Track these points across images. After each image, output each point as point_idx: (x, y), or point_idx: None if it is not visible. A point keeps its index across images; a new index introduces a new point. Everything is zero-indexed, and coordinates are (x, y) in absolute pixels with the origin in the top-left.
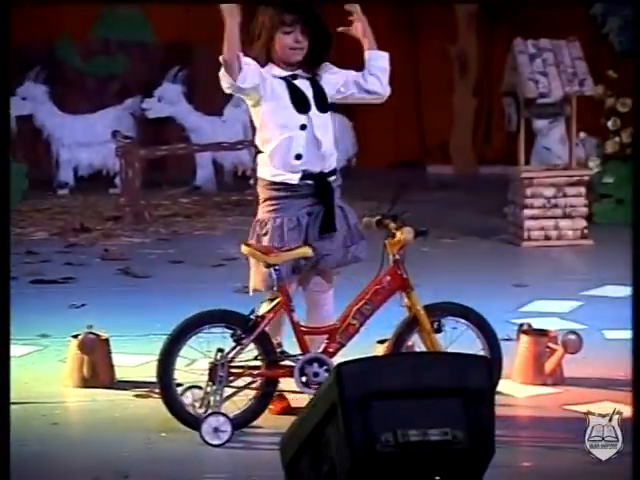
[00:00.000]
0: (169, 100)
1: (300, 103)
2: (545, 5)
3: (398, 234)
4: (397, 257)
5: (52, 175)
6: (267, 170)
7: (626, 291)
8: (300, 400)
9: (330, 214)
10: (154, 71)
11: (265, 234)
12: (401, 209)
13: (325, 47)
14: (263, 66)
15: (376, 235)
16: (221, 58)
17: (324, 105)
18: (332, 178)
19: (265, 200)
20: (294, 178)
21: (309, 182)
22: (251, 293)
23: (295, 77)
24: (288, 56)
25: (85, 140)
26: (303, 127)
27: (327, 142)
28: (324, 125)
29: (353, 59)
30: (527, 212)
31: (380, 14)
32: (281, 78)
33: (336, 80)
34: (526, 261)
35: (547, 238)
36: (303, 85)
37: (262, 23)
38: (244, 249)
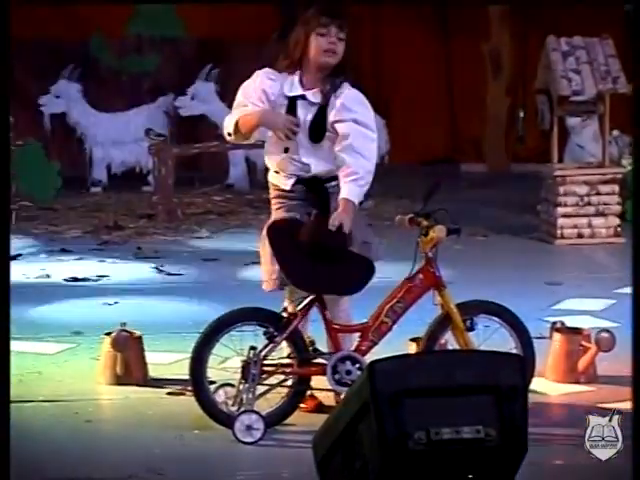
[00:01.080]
0: (202, 98)
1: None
2: (578, 2)
3: (431, 232)
4: (430, 255)
5: (86, 173)
6: (270, 172)
7: None
8: (332, 398)
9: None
10: (187, 69)
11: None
12: (434, 207)
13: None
14: (292, 72)
15: (409, 233)
16: (229, 132)
17: (318, 135)
18: (333, 183)
19: (271, 199)
20: (287, 184)
21: (301, 186)
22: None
23: (304, 97)
24: (322, 59)
25: (118, 138)
26: (286, 150)
27: (314, 166)
28: (313, 151)
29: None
30: (560, 210)
31: (414, 14)
32: (288, 98)
33: (348, 116)
34: (559, 259)
35: (580, 236)
36: (305, 110)
37: (300, 28)
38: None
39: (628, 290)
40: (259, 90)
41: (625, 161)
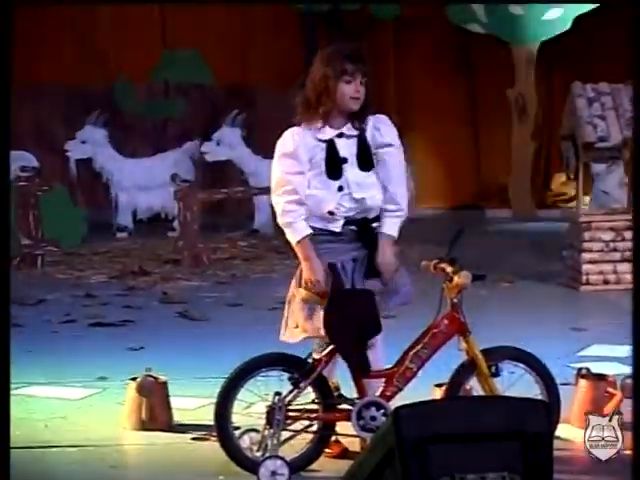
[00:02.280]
0: (228, 143)
1: (334, 169)
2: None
3: (456, 278)
4: (455, 300)
5: (111, 218)
6: (311, 218)
7: None
8: (357, 444)
9: (373, 261)
10: (213, 114)
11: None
12: (459, 253)
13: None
14: (320, 121)
15: (434, 278)
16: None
17: (367, 164)
18: (376, 224)
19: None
20: (337, 226)
21: (352, 228)
22: (299, 339)
23: (341, 136)
24: (347, 105)
25: (144, 184)
26: (340, 189)
27: (369, 199)
28: (365, 183)
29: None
30: (585, 256)
31: (439, 57)
32: (325, 141)
33: (381, 140)
34: (584, 305)
35: (606, 282)
36: (346, 145)
37: (324, 75)
38: (303, 293)
39: None
40: (300, 155)
41: None
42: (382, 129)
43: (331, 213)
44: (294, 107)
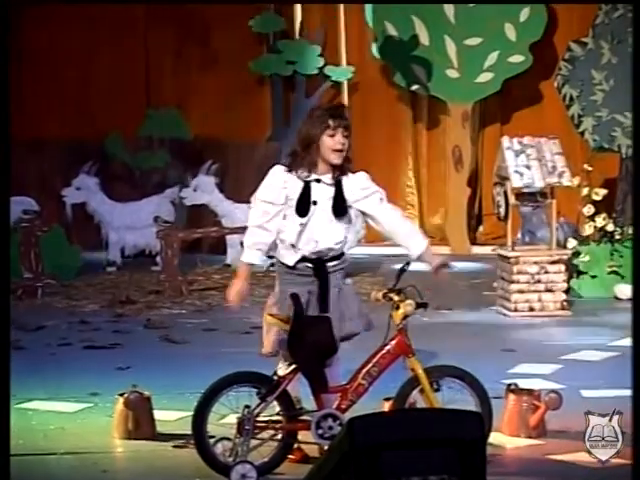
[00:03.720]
0: (204, 189)
1: (303, 208)
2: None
3: (402, 306)
4: (401, 326)
5: (102, 255)
6: (277, 250)
7: (600, 355)
8: (316, 450)
9: (324, 293)
10: (190, 164)
11: (274, 304)
12: (404, 284)
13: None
14: (305, 170)
15: (382, 306)
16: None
17: (339, 211)
18: (333, 263)
19: (278, 275)
20: (291, 260)
21: (307, 264)
22: (263, 354)
23: (319, 181)
24: (330, 157)
25: (131, 224)
26: (302, 225)
27: (328, 240)
28: (328, 227)
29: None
30: (514, 286)
31: (388, 115)
32: (304, 181)
33: (360, 194)
34: (513, 329)
35: (531, 309)
36: (321, 190)
37: (309, 129)
38: (268, 319)
39: (573, 356)
40: (279, 189)
41: (570, 244)
42: (368, 184)
43: (293, 246)
44: (262, 159)
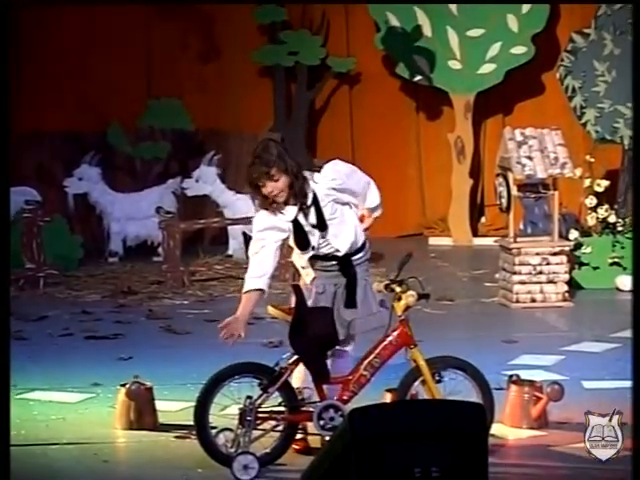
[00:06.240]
0: (205, 180)
1: (303, 243)
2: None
3: (404, 297)
4: (403, 317)
5: (104, 245)
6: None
7: (602, 346)
8: (318, 441)
9: (352, 289)
10: (192, 155)
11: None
12: (406, 275)
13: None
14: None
15: (384, 298)
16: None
17: (323, 226)
18: (357, 256)
19: (301, 269)
20: (318, 254)
21: (333, 259)
22: None
23: (302, 210)
24: (278, 201)
25: (133, 215)
26: (313, 248)
27: (340, 245)
28: (329, 238)
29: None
30: (516, 278)
31: (391, 105)
32: (292, 221)
33: (332, 192)
34: (515, 320)
35: (533, 300)
36: (307, 217)
37: (249, 183)
38: (270, 310)
39: (575, 347)
40: (271, 230)
41: (572, 235)
42: (328, 186)
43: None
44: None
